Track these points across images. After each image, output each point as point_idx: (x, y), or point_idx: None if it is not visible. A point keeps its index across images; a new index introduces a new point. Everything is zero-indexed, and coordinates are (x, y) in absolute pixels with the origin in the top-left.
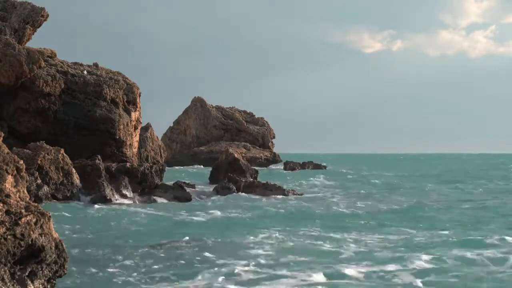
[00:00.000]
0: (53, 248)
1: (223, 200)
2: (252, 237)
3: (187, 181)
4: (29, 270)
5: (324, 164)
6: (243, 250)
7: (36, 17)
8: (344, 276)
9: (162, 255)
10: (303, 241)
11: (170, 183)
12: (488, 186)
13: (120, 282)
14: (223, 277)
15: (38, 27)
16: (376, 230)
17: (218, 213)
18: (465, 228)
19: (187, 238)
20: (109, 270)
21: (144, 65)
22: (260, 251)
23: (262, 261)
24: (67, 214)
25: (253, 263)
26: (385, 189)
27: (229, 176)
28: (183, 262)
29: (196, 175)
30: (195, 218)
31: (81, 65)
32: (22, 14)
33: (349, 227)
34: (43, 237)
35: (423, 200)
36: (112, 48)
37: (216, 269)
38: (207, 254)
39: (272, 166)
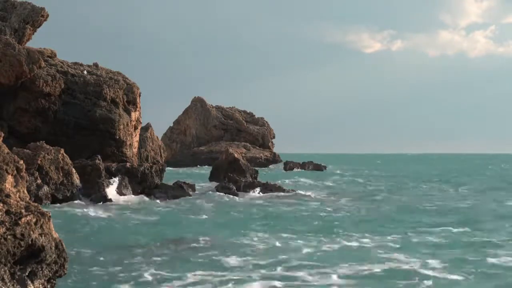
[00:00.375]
0: (53, 248)
1: (222, 200)
2: (250, 237)
3: (187, 181)
4: (29, 270)
5: (324, 164)
6: (242, 250)
7: (36, 17)
8: (342, 277)
9: (161, 254)
10: (302, 241)
11: (170, 183)
12: (486, 186)
13: (118, 282)
14: (220, 278)
15: (38, 27)
16: (377, 231)
17: (217, 213)
18: (464, 228)
19: (186, 238)
20: (107, 269)
21: (144, 65)
22: (259, 251)
23: (260, 262)
24: (67, 215)
25: (251, 263)
26: (386, 189)
27: (229, 176)
28: (181, 262)
29: (196, 175)
30: (194, 218)
31: (81, 65)
32: (22, 14)
33: (349, 228)
34: (43, 237)
35: (423, 201)
36: (112, 48)
37: (213, 269)
38: (205, 254)
39: (272, 166)
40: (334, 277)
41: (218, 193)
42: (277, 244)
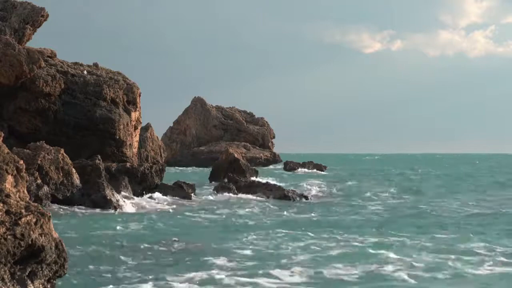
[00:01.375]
0: (53, 248)
1: (222, 201)
2: (248, 239)
3: (187, 181)
4: (29, 270)
5: (324, 165)
6: (240, 252)
7: (36, 17)
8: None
9: (158, 255)
10: (300, 242)
11: (170, 183)
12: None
13: (113, 282)
14: (213, 279)
15: (38, 27)
16: (376, 233)
17: (217, 214)
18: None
19: (183, 239)
20: (105, 269)
21: (144, 65)
22: (254, 254)
23: (254, 264)
24: (66, 215)
25: (245, 265)
26: (387, 191)
27: (229, 176)
28: (176, 263)
29: (196, 175)
30: (193, 218)
31: (81, 65)
32: (22, 14)
33: (346, 230)
34: (43, 237)
35: (427, 205)
36: (112, 48)
37: (207, 270)
38: (201, 255)
39: (272, 166)
40: (326, 277)
41: (218, 193)
42: (274, 245)
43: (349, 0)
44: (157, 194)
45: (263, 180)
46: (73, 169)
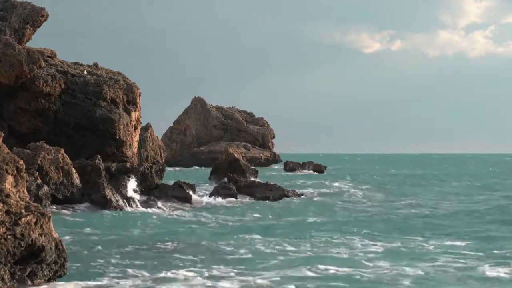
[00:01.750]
0: (53, 248)
1: (222, 201)
2: (246, 239)
3: (187, 181)
4: (29, 270)
5: (324, 165)
6: (237, 252)
7: (36, 17)
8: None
9: (157, 255)
10: (298, 243)
11: (170, 183)
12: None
13: (112, 281)
14: (208, 280)
15: (38, 27)
16: (372, 236)
17: (216, 214)
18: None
19: (181, 239)
20: (105, 269)
21: (144, 65)
22: (252, 254)
23: (252, 264)
24: (66, 215)
25: (243, 266)
26: (385, 192)
27: (229, 176)
28: (173, 263)
29: (196, 175)
30: (192, 218)
31: (81, 65)
32: (22, 14)
33: (345, 231)
34: (43, 237)
35: (426, 207)
36: (112, 48)
37: (205, 270)
38: (199, 255)
39: (272, 166)
40: (322, 276)
41: (218, 193)
42: (270, 247)
43: (349, 0)
44: (157, 194)
45: (263, 181)
46: (73, 169)
